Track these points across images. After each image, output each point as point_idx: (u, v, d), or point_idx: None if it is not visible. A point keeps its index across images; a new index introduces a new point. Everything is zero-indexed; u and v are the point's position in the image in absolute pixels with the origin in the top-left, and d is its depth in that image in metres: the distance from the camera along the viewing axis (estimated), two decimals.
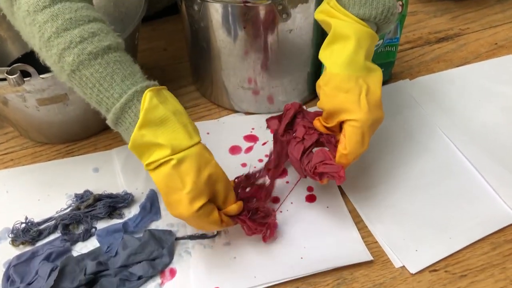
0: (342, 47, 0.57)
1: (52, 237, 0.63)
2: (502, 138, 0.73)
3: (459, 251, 0.60)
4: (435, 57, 0.89)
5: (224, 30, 0.69)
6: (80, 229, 0.64)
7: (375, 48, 0.76)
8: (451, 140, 0.73)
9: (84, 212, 0.64)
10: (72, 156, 0.73)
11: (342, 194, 0.67)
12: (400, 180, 0.68)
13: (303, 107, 0.63)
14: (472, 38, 0.93)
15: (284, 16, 0.67)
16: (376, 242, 0.62)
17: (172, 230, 0.63)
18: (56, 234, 0.64)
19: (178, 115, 0.52)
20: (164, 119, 0.51)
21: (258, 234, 0.60)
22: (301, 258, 0.60)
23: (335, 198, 0.66)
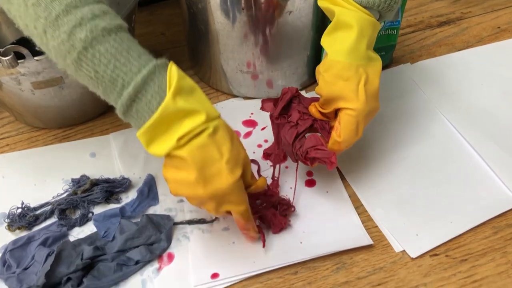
0: (345, 35, 0.57)
1: (49, 222, 0.63)
2: (504, 122, 0.73)
3: (460, 236, 0.60)
4: (437, 41, 0.88)
5: (222, 12, 0.68)
6: (77, 214, 0.63)
7: None
8: (453, 124, 0.72)
9: (81, 197, 0.64)
10: (69, 141, 0.72)
11: (342, 179, 0.66)
12: (401, 165, 0.68)
13: (300, 93, 0.63)
14: (474, 22, 0.91)
15: None
16: (376, 227, 0.61)
17: (170, 215, 0.62)
18: (53, 219, 0.63)
19: (200, 89, 0.51)
20: (193, 89, 0.50)
21: (284, 228, 0.60)
22: (300, 243, 0.59)
23: (335, 183, 0.66)
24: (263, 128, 0.73)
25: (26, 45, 0.60)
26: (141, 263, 0.58)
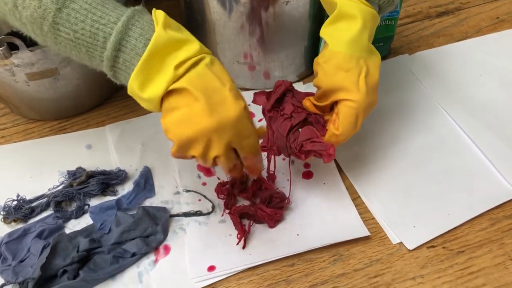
0: (348, 26, 0.56)
1: (45, 214, 0.62)
2: (502, 114, 0.72)
3: (457, 227, 0.60)
4: (435, 32, 0.87)
5: (219, 2, 0.67)
6: (73, 206, 0.63)
7: None
8: (451, 115, 0.72)
9: (77, 189, 0.63)
10: (65, 133, 0.72)
11: (339, 171, 0.66)
12: (399, 156, 0.67)
13: (293, 86, 0.62)
14: (473, 12, 0.91)
15: None
16: (373, 218, 0.61)
17: (167, 207, 0.62)
18: (49, 212, 0.63)
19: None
20: (180, 27, 0.49)
21: (279, 220, 0.60)
22: (297, 235, 0.59)
23: (332, 175, 0.65)
24: (260, 120, 0.73)
25: (20, 36, 0.59)
26: (138, 256, 0.57)
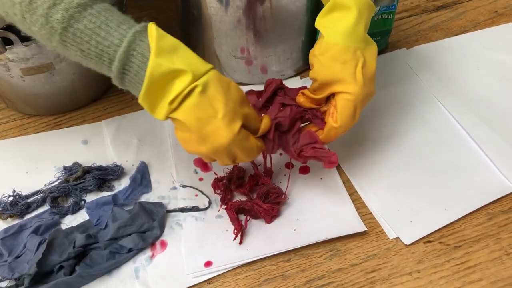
0: (343, 17, 0.55)
1: (41, 210, 0.62)
2: (500, 108, 0.72)
3: (454, 222, 0.60)
4: (433, 26, 0.87)
5: None
6: (69, 202, 0.63)
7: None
8: (448, 110, 0.72)
9: (73, 185, 0.63)
10: (61, 128, 0.72)
11: (336, 166, 0.66)
12: (396, 151, 0.67)
13: (284, 84, 0.61)
14: (471, 6, 0.90)
15: None
16: (370, 213, 0.61)
17: (163, 203, 0.62)
18: (45, 207, 0.62)
19: (184, 45, 0.50)
20: (175, 47, 0.49)
21: (276, 216, 0.60)
22: (294, 230, 0.59)
23: (329, 170, 0.65)
24: None
25: (15, 31, 0.59)
26: (134, 251, 0.57)
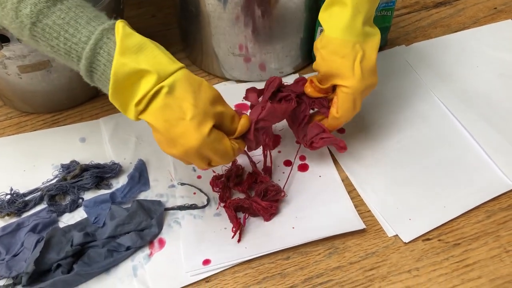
0: (340, 12, 0.56)
1: (38, 208, 0.62)
2: (499, 105, 0.72)
3: (453, 220, 0.59)
4: (432, 22, 0.86)
5: None
6: (67, 200, 0.63)
7: None
8: (447, 107, 0.71)
9: (71, 183, 0.63)
10: (58, 126, 0.71)
11: (335, 163, 0.66)
12: (395, 148, 0.67)
13: (284, 83, 0.62)
14: (471, 3, 0.90)
15: None
16: (369, 211, 0.61)
17: (161, 201, 0.62)
18: (42, 205, 0.62)
19: (155, 44, 0.49)
20: (142, 46, 0.47)
21: (275, 213, 0.60)
22: (293, 228, 0.59)
23: (328, 167, 0.65)
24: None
25: None
26: (132, 249, 0.57)
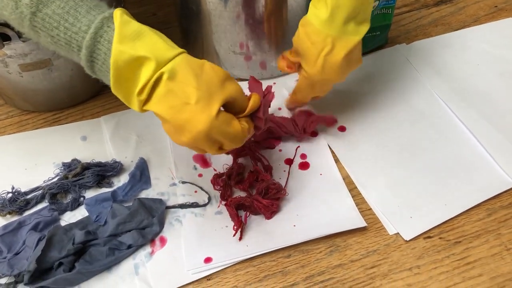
0: (324, 5, 0.57)
1: (40, 207, 0.62)
2: (500, 104, 0.72)
3: (454, 218, 0.59)
4: (433, 21, 0.86)
5: None
6: (68, 198, 0.63)
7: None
8: (448, 105, 0.72)
9: (72, 181, 0.63)
10: (59, 125, 0.71)
11: (336, 161, 0.66)
12: (395, 146, 0.67)
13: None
14: (471, 1, 0.90)
15: None
16: (370, 209, 0.61)
17: (163, 199, 0.62)
18: (44, 204, 0.62)
19: (153, 31, 0.48)
20: (140, 33, 0.47)
21: (276, 211, 0.60)
22: (294, 226, 0.59)
23: (329, 165, 0.65)
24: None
25: (13, 27, 0.58)
26: (134, 247, 0.57)
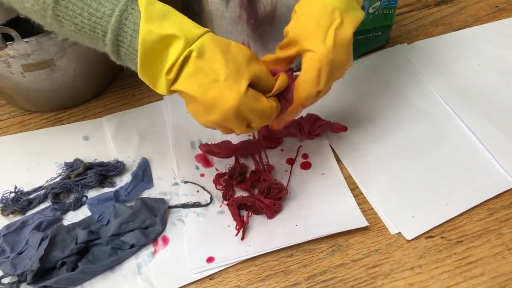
0: None
1: (42, 206, 0.62)
2: (501, 103, 0.72)
3: (456, 217, 0.60)
4: (434, 21, 0.87)
5: None
6: (71, 198, 0.63)
7: (373, 11, 0.73)
8: (449, 105, 0.72)
9: (75, 181, 0.63)
10: (62, 125, 0.72)
11: (338, 161, 0.66)
12: (397, 146, 0.67)
13: None
14: (472, 1, 0.90)
15: None
16: (372, 209, 0.61)
17: (165, 199, 0.62)
18: (47, 203, 0.62)
19: (176, 11, 0.48)
20: (166, 13, 0.47)
21: (278, 211, 0.60)
22: (296, 226, 0.59)
23: (330, 165, 0.65)
24: None
25: (15, 27, 0.59)
26: (136, 247, 0.57)
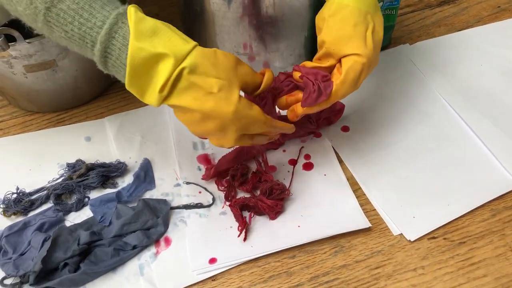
0: None
1: (45, 207, 0.62)
2: (504, 104, 0.72)
3: (458, 218, 0.60)
4: (436, 21, 0.86)
5: None
6: (73, 199, 0.63)
7: None
8: (451, 106, 0.72)
9: (77, 182, 0.63)
10: (64, 125, 0.71)
11: (340, 162, 0.66)
12: (399, 147, 0.67)
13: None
14: (474, 1, 0.90)
15: None
16: (374, 210, 0.61)
17: (167, 200, 0.62)
18: (49, 204, 0.62)
19: (167, 25, 0.49)
20: (155, 30, 0.48)
21: (280, 212, 0.60)
22: (298, 227, 0.59)
23: (333, 166, 0.65)
24: None
25: (18, 28, 0.59)
26: (138, 248, 0.57)
